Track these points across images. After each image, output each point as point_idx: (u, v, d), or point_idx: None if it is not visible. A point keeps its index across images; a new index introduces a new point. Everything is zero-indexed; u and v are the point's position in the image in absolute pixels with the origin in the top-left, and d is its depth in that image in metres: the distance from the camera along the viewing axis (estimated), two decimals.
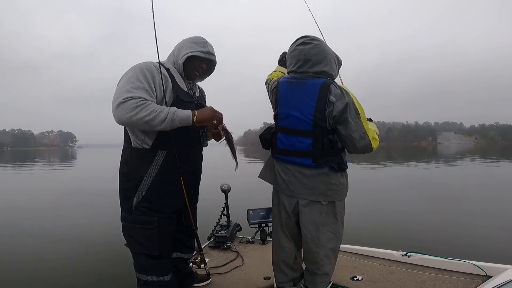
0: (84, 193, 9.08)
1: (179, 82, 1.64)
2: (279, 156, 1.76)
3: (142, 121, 1.40)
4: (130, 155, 1.60)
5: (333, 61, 1.69)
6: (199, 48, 1.65)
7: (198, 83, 1.88)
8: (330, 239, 1.72)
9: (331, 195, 1.67)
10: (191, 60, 1.66)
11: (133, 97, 1.40)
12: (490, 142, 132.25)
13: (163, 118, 1.42)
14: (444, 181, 11.21)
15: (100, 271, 3.40)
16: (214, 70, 1.84)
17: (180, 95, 1.60)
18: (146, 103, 1.41)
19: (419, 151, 45.54)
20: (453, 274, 2.04)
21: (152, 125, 1.43)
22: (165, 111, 1.43)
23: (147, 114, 1.39)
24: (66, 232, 5.02)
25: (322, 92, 1.56)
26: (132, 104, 1.39)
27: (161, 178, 1.57)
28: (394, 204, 6.85)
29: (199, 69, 1.70)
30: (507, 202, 6.90)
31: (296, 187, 1.70)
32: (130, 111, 1.38)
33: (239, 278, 2.15)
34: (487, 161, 20.86)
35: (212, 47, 1.71)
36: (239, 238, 2.91)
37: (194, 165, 1.75)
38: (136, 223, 1.58)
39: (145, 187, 1.55)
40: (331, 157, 1.64)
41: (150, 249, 1.58)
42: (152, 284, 1.63)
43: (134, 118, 1.39)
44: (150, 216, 1.56)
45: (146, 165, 1.56)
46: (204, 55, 1.66)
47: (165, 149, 1.56)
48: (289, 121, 1.68)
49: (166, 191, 1.59)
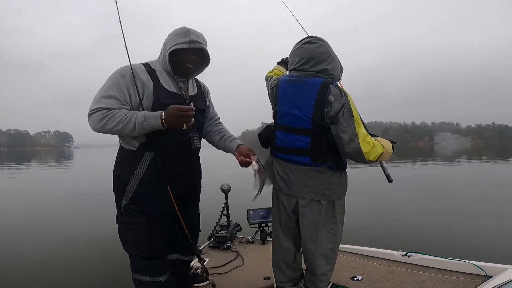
0: (84, 193, 9.03)
1: (165, 82, 1.55)
2: (277, 154, 1.76)
3: (112, 131, 1.43)
4: (121, 157, 1.61)
5: (337, 61, 1.69)
6: (181, 39, 1.51)
7: (201, 81, 1.83)
8: (329, 239, 1.72)
9: (329, 194, 1.67)
10: (177, 54, 1.54)
11: (99, 109, 1.42)
12: (486, 142, 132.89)
13: (132, 128, 1.41)
14: (444, 181, 11.25)
15: (99, 271, 3.38)
16: (210, 59, 1.66)
17: (162, 97, 1.51)
18: (111, 113, 1.41)
19: (416, 151, 45.69)
20: (453, 274, 2.05)
21: (125, 133, 1.45)
22: (133, 119, 1.41)
23: (115, 125, 1.41)
24: (66, 232, 4.99)
25: (321, 91, 1.57)
26: (98, 116, 1.41)
27: (147, 180, 1.54)
28: (394, 204, 6.86)
29: (189, 61, 1.57)
30: (507, 202, 6.93)
31: (294, 186, 1.70)
32: (97, 123, 1.41)
33: (239, 278, 2.15)
34: (484, 162, 20.96)
35: (196, 35, 1.55)
36: (239, 238, 2.90)
37: (184, 170, 1.64)
38: (126, 224, 1.58)
39: (132, 189, 1.55)
40: (329, 156, 1.65)
41: (140, 250, 1.58)
42: (147, 284, 1.63)
43: (104, 129, 1.43)
44: (137, 218, 1.55)
45: (133, 167, 1.55)
46: (187, 45, 1.51)
47: (152, 151, 1.53)
48: (288, 119, 1.68)
49: (153, 193, 1.56)
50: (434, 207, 6.58)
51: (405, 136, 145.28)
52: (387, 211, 6.17)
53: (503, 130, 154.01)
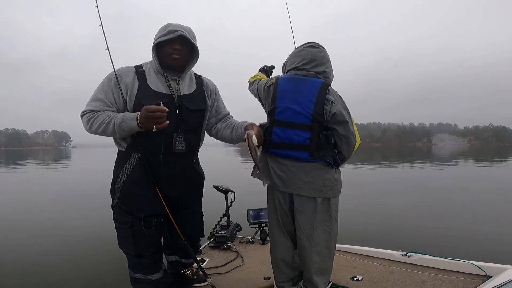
0: (84, 193, 9.00)
1: (152, 83, 1.55)
2: (273, 150, 1.75)
3: (97, 132, 1.50)
4: (116, 158, 1.66)
5: (331, 68, 1.80)
6: (160, 33, 1.54)
7: (206, 79, 1.79)
8: (324, 237, 1.73)
9: (326, 191, 1.70)
10: (162, 48, 1.55)
11: (87, 111, 1.51)
12: (484, 144, 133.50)
13: (112, 129, 1.47)
14: (443, 181, 11.27)
15: (99, 270, 3.37)
16: (198, 50, 1.62)
17: (144, 99, 1.50)
18: (96, 115, 1.49)
19: (414, 152, 45.82)
20: (453, 274, 2.05)
21: (108, 135, 1.50)
22: (112, 122, 1.46)
23: (98, 126, 1.48)
24: (66, 232, 4.96)
25: (322, 90, 1.66)
26: (86, 118, 1.50)
27: (132, 181, 1.57)
28: (394, 205, 6.87)
29: (172, 52, 1.54)
30: (507, 202, 6.95)
31: (292, 183, 1.71)
32: (85, 124, 1.51)
33: (239, 278, 2.15)
34: (482, 163, 21.05)
35: (176, 26, 1.55)
36: (239, 238, 2.90)
37: (169, 173, 1.60)
38: (116, 222, 1.64)
39: (119, 188, 1.59)
40: (327, 151, 1.70)
41: (128, 248, 1.63)
42: (139, 282, 1.68)
43: (91, 130, 1.51)
44: (124, 217, 1.59)
45: (120, 167, 1.59)
46: (167, 37, 1.51)
47: (139, 152, 1.55)
48: (287, 114, 1.71)
49: (138, 194, 1.57)
50: (434, 207, 6.60)
51: (403, 137, 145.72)
52: (387, 211, 6.18)
53: (500, 132, 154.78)
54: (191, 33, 1.59)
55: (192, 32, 1.60)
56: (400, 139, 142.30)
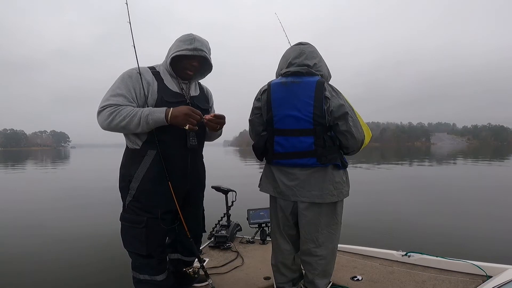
0: (83, 192, 8.98)
1: (168, 83, 1.63)
2: (279, 161, 1.71)
3: (119, 126, 1.49)
4: (126, 156, 1.66)
5: (325, 63, 1.75)
6: (185, 46, 1.60)
7: (204, 85, 1.88)
8: (329, 239, 1.72)
9: (337, 194, 1.66)
10: (179, 59, 1.63)
11: (108, 105, 1.50)
12: (482, 143, 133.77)
13: (137, 122, 1.48)
14: (443, 181, 11.27)
15: (98, 270, 3.36)
16: (213, 66, 1.75)
17: (166, 96, 1.59)
18: (119, 108, 1.49)
19: (413, 151, 45.90)
20: (453, 274, 2.05)
21: (129, 129, 1.50)
22: (138, 114, 1.48)
23: (121, 120, 1.47)
24: (65, 232, 4.95)
25: (318, 89, 1.59)
26: (107, 111, 1.49)
27: (150, 178, 1.58)
28: (394, 204, 6.86)
29: (189, 68, 1.65)
30: (506, 202, 6.96)
31: (303, 191, 1.66)
32: (106, 118, 1.48)
33: (239, 278, 2.14)
34: (480, 161, 21.09)
35: (201, 43, 1.63)
36: (239, 238, 2.90)
37: (181, 166, 1.66)
38: (127, 221, 1.62)
39: (135, 186, 1.59)
40: (334, 154, 1.65)
41: (138, 249, 1.61)
42: (144, 283, 1.66)
43: (111, 125, 1.48)
44: (139, 216, 1.59)
45: (136, 164, 1.59)
46: (191, 52, 1.60)
47: (155, 149, 1.58)
48: (287, 122, 1.66)
49: (155, 191, 1.59)
50: (434, 207, 6.59)
51: (402, 136, 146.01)
52: (387, 211, 6.17)
53: (498, 131, 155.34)
54: (209, 50, 1.69)
55: (209, 47, 1.69)
56: (399, 139, 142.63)
